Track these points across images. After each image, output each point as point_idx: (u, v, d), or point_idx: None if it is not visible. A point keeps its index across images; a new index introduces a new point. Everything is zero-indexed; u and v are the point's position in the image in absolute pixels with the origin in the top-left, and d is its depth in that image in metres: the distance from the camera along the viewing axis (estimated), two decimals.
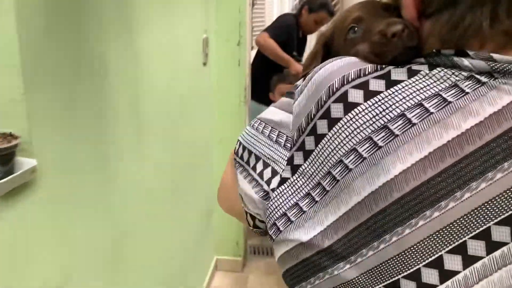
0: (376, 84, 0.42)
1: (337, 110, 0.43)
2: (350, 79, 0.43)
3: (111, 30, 0.98)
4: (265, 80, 2.67)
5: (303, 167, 0.45)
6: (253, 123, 0.54)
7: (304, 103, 0.46)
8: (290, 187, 0.46)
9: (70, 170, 0.85)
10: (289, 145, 0.47)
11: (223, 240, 2.32)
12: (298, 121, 0.46)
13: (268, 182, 0.48)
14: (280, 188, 0.47)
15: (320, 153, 0.43)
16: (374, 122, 0.41)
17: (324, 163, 0.43)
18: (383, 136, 0.40)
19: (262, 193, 0.48)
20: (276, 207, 0.47)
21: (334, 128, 0.42)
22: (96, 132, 0.94)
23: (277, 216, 0.47)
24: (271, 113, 0.52)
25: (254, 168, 0.51)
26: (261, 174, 0.49)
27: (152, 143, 1.29)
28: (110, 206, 1.04)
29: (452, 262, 0.38)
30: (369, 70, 0.44)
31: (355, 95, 0.42)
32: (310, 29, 2.73)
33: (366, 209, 0.40)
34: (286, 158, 0.47)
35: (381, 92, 0.42)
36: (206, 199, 2.09)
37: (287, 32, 2.69)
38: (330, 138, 0.43)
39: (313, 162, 0.44)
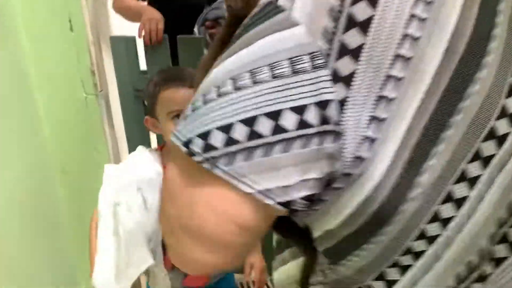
0: None
1: None
2: None
3: None
4: None
5: (359, 69, 0.35)
6: (220, 90, 0.37)
7: (313, 3, 0.36)
8: (355, 101, 0.36)
9: None
10: (320, 61, 0.35)
11: None
12: (316, 27, 0.35)
13: (322, 120, 0.35)
14: (344, 112, 0.36)
15: (376, 39, 0.35)
16: None
17: (385, 48, 0.35)
18: None
19: (329, 136, 0.36)
20: (353, 134, 0.36)
21: (379, 3, 0.35)
22: None
23: (357, 144, 0.36)
24: (249, 54, 0.37)
25: (277, 130, 0.36)
26: (300, 124, 0.35)
27: None
28: None
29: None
30: None
31: None
32: None
33: (444, 75, 0.36)
34: (327, 78, 0.35)
35: None
36: (66, 267, 1.23)
37: None
38: (381, 15, 0.35)
39: (370, 55, 0.35)
